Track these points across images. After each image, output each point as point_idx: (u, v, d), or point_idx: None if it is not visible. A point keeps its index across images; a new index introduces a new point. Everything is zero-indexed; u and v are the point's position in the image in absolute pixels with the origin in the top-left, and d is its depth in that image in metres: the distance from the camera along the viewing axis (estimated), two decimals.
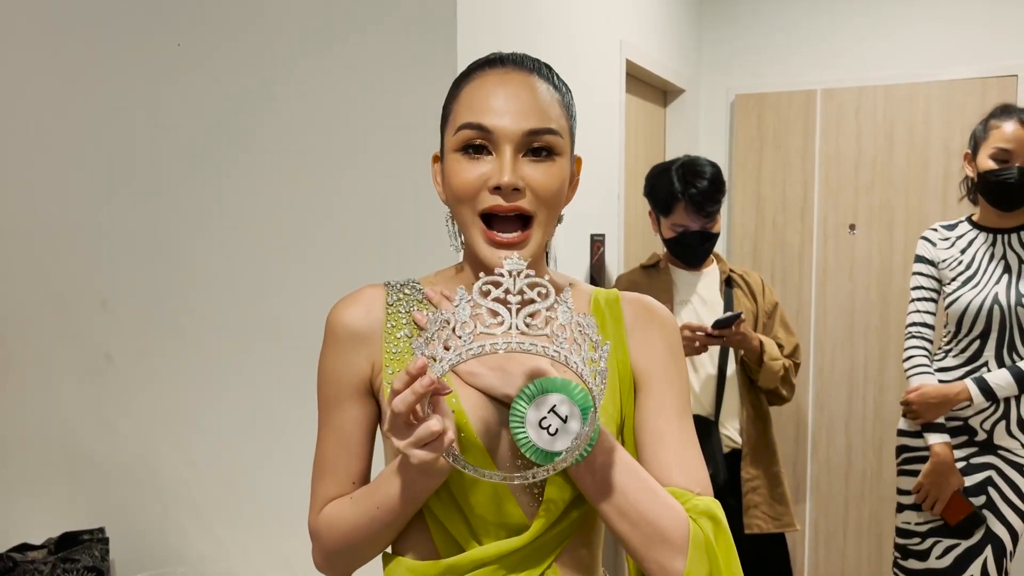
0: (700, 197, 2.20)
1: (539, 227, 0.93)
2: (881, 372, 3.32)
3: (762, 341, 2.23)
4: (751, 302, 2.35)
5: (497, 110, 0.91)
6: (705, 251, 2.31)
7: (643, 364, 0.99)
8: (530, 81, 0.94)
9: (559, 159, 0.94)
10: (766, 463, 2.32)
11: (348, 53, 1.89)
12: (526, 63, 0.96)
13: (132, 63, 2.11)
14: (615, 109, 2.68)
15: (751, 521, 2.28)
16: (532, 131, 0.91)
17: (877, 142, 3.29)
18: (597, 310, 1.02)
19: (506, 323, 0.79)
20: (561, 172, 0.94)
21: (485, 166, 0.92)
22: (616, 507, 0.89)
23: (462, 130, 0.92)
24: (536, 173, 0.92)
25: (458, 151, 0.93)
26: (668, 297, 2.33)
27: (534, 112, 0.92)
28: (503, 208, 0.90)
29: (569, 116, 0.97)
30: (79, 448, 2.23)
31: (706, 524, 0.90)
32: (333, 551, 0.99)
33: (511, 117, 0.91)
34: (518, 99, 0.92)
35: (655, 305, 1.04)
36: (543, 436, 0.86)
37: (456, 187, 0.93)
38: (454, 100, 0.97)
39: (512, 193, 0.90)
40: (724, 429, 2.30)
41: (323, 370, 1.01)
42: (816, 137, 3.37)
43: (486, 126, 0.91)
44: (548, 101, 0.94)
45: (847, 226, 3.34)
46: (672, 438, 0.96)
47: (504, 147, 0.91)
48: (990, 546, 2.17)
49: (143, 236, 2.14)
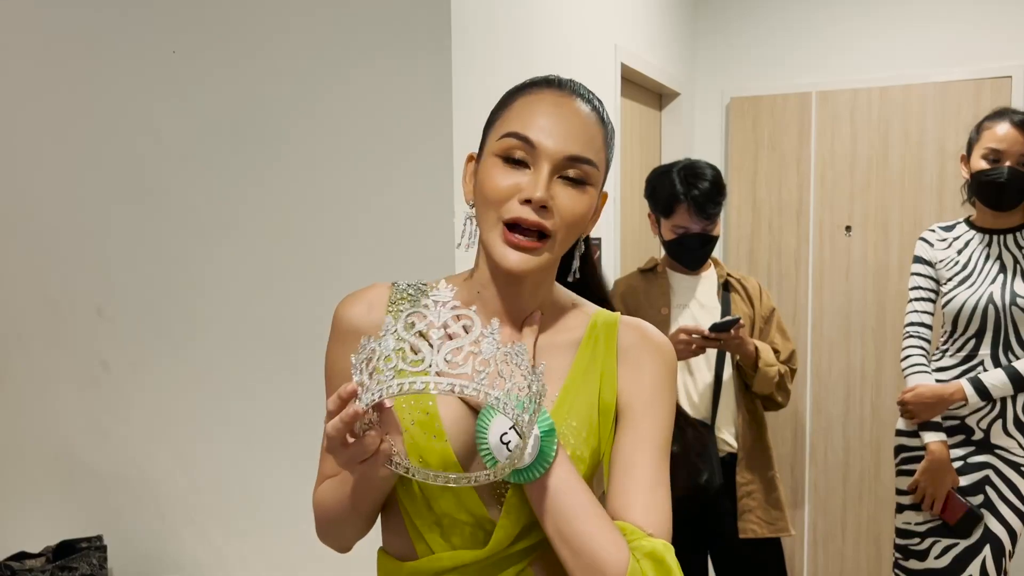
0: (702, 198, 2.20)
1: (553, 245, 0.95)
2: (878, 373, 3.32)
3: (758, 347, 2.23)
4: (748, 307, 2.35)
5: (545, 128, 0.94)
6: (705, 254, 2.31)
7: (630, 393, 0.99)
8: (583, 110, 0.97)
9: (590, 189, 0.97)
10: (761, 468, 2.32)
11: (342, 58, 1.89)
12: (583, 93, 1.00)
13: (128, 71, 2.11)
14: (611, 113, 2.65)
15: (746, 526, 2.28)
16: (573, 157, 0.94)
17: (872, 144, 3.30)
18: (592, 331, 1.02)
19: (426, 360, 0.79)
20: (589, 201, 0.97)
21: (521, 177, 0.94)
22: (559, 531, 0.90)
23: (507, 137, 0.95)
24: (566, 196, 0.94)
25: (498, 156, 0.96)
26: (665, 301, 2.33)
27: (579, 140, 0.95)
28: (528, 221, 0.93)
29: (608, 153, 1.01)
30: (76, 456, 2.23)
31: (647, 565, 0.89)
32: (321, 527, 1.04)
33: (557, 138, 0.94)
34: (568, 123, 0.95)
35: (653, 333, 1.04)
36: (502, 450, 0.89)
37: (488, 190, 0.95)
38: (505, 107, 1.00)
39: (540, 209, 0.93)
40: (720, 434, 2.30)
41: (328, 360, 1.05)
42: (811, 139, 3.37)
43: (532, 140, 0.94)
44: (594, 133, 0.97)
45: (843, 228, 3.35)
46: (642, 474, 0.95)
47: (543, 164, 0.94)
48: (988, 545, 2.17)
49: (139, 243, 2.14)
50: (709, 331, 2.15)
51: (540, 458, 0.89)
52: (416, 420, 0.94)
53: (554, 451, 0.90)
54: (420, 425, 0.94)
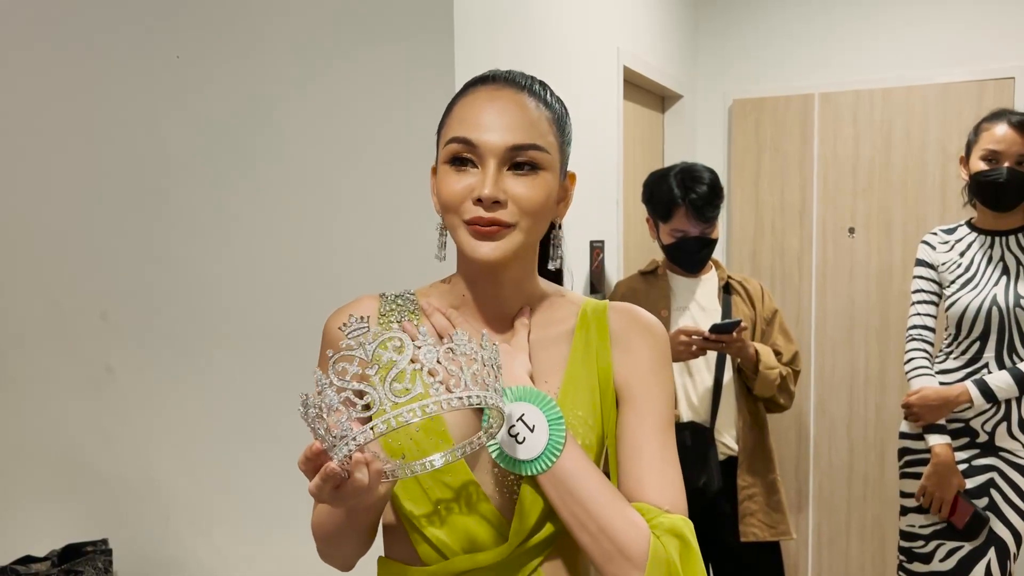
0: (700, 202, 2.21)
1: (520, 232, 0.95)
2: (882, 375, 3.32)
3: (758, 350, 2.23)
4: (750, 309, 2.35)
5: (484, 125, 0.94)
6: (704, 257, 2.32)
7: (626, 376, 1.00)
8: (519, 98, 0.96)
9: (544, 173, 0.96)
10: (763, 471, 2.32)
11: (345, 62, 1.90)
12: (518, 80, 0.99)
13: (132, 76, 2.11)
14: (613, 116, 2.69)
15: (747, 529, 2.28)
16: (516, 146, 0.94)
17: (875, 145, 3.30)
18: (583, 320, 1.03)
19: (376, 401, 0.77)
20: (545, 185, 0.96)
21: (471, 178, 0.94)
22: (576, 517, 0.90)
23: (451, 143, 0.96)
24: (518, 186, 0.94)
25: (447, 163, 0.96)
26: (666, 303, 2.33)
27: (520, 128, 0.94)
28: (483, 219, 0.93)
29: (560, 132, 0.99)
30: (81, 460, 2.23)
31: (670, 542, 0.90)
32: (322, 549, 1.03)
33: (497, 132, 0.94)
34: (506, 114, 0.95)
35: (643, 315, 1.04)
36: (512, 443, 0.90)
37: (444, 197, 0.96)
38: (448, 115, 1.00)
39: (492, 205, 0.93)
40: (720, 437, 2.30)
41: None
42: (814, 141, 3.37)
43: (472, 140, 0.94)
44: (535, 117, 0.96)
45: (846, 229, 3.35)
46: (650, 453, 0.96)
47: (488, 160, 0.93)
48: (993, 548, 2.17)
49: (143, 248, 2.14)
50: (709, 332, 2.15)
51: (550, 447, 0.90)
52: (420, 425, 0.94)
53: (563, 440, 0.91)
54: (425, 430, 0.94)
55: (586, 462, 0.92)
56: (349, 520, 0.94)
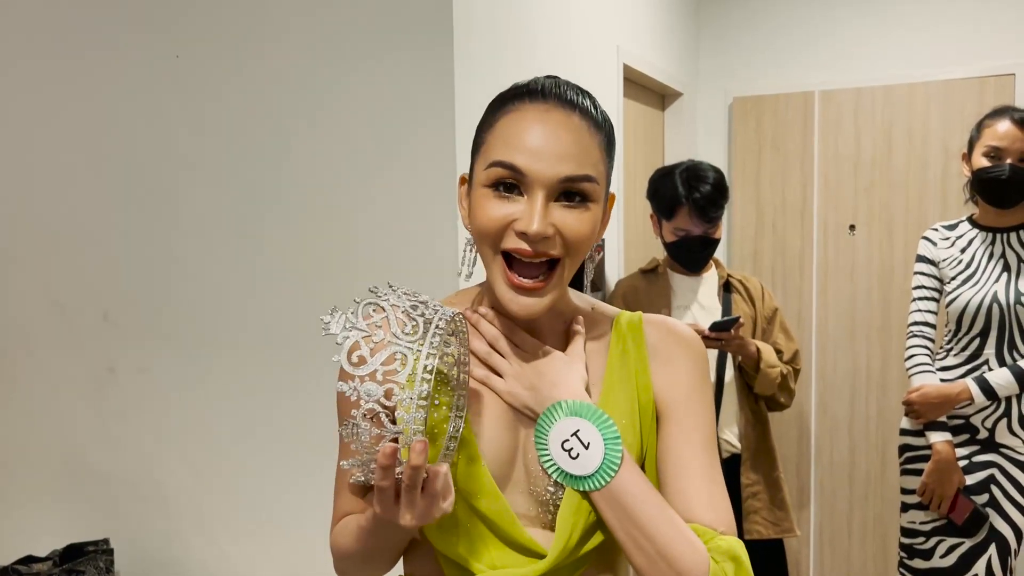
0: (703, 202, 2.21)
1: (562, 271, 0.90)
2: (883, 373, 3.33)
3: (759, 348, 2.24)
4: (750, 307, 2.36)
5: (533, 151, 0.86)
6: (706, 256, 2.33)
7: (667, 392, 0.96)
8: (572, 121, 0.88)
9: (593, 206, 0.89)
10: (766, 468, 2.33)
11: (345, 62, 1.91)
12: (569, 97, 0.90)
13: (132, 75, 2.12)
14: (613, 114, 2.70)
15: (751, 527, 2.28)
16: (568, 178, 0.87)
17: (876, 143, 3.30)
18: (618, 333, 0.99)
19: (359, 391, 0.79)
20: (594, 219, 0.90)
21: (514, 206, 0.87)
22: (633, 539, 0.87)
23: (494, 167, 0.88)
24: (568, 219, 0.88)
25: (487, 187, 0.89)
26: (666, 302, 2.34)
27: (573, 157, 0.87)
28: (527, 253, 0.87)
29: (608, 157, 0.93)
30: (83, 460, 2.24)
31: (728, 567, 0.87)
32: (341, 567, 1.00)
33: (547, 161, 0.86)
34: (557, 141, 0.87)
35: (680, 328, 1.01)
36: (564, 457, 0.88)
37: (482, 224, 0.89)
38: (489, 129, 0.91)
39: (540, 241, 0.87)
40: (723, 434, 2.30)
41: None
42: (815, 139, 3.38)
43: (520, 168, 0.86)
44: (588, 145, 0.89)
45: (847, 227, 3.36)
46: (697, 472, 0.93)
47: (537, 192, 0.86)
48: (994, 544, 2.18)
49: (146, 248, 2.15)
50: (709, 330, 2.16)
51: (605, 465, 0.88)
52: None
53: (619, 458, 0.88)
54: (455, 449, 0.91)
55: (644, 482, 0.89)
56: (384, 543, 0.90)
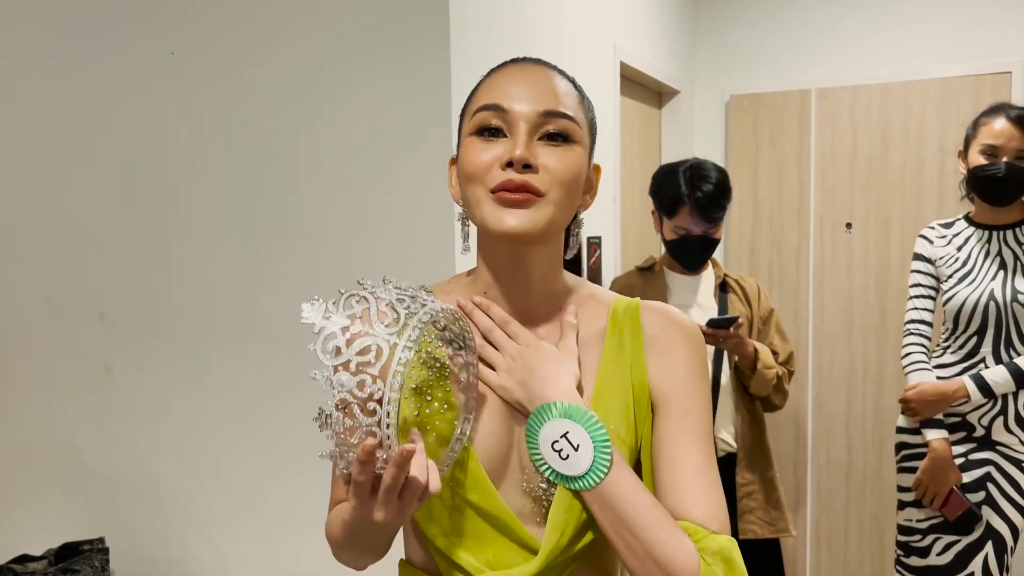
0: (706, 201, 2.20)
1: (550, 204, 0.89)
2: (880, 371, 3.33)
3: (757, 348, 2.23)
4: (746, 308, 2.35)
5: (514, 94, 0.91)
6: (705, 256, 2.32)
7: (664, 384, 0.94)
8: (549, 74, 0.94)
9: (575, 147, 0.92)
10: (761, 468, 2.32)
11: (341, 58, 1.90)
12: (547, 63, 0.98)
13: (127, 73, 2.12)
14: (610, 111, 2.70)
15: (746, 526, 2.28)
16: (548, 112, 0.90)
17: (872, 141, 3.31)
18: (615, 321, 0.98)
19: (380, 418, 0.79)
20: (577, 160, 0.92)
21: (500, 147, 0.90)
22: (623, 539, 0.86)
23: (479, 112, 0.92)
24: (550, 156, 0.90)
25: (473, 134, 0.92)
26: (661, 300, 2.33)
27: (551, 97, 0.91)
28: (513, 183, 0.88)
29: (588, 116, 0.97)
30: (79, 459, 2.24)
31: (718, 568, 0.85)
32: (336, 552, 1.00)
33: (529, 99, 0.91)
34: (536, 85, 0.92)
35: (679, 317, 0.99)
36: (555, 458, 0.88)
37: (469, 167, 0.91)
38: (474, 93, 0.97)
39: (524, 169, 0.88)
40: (719, 434, 2.30)
41: None
42: (811, 137, 3.38)
43: (503, 106, 0.91)
44: (565, 91, 0.94)
45: (843, 225, 3.36)
46: (692, 468, 0.91)
47: (519, 126, 0.90)
48: (991, 542, 2.19)
49: (142, 247, 2.15)
50: (706, 327, 2.16)
51: (595, 467, 0.87)
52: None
53: (609, 460, 0.87)
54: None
55: (634, 483, 0.88)
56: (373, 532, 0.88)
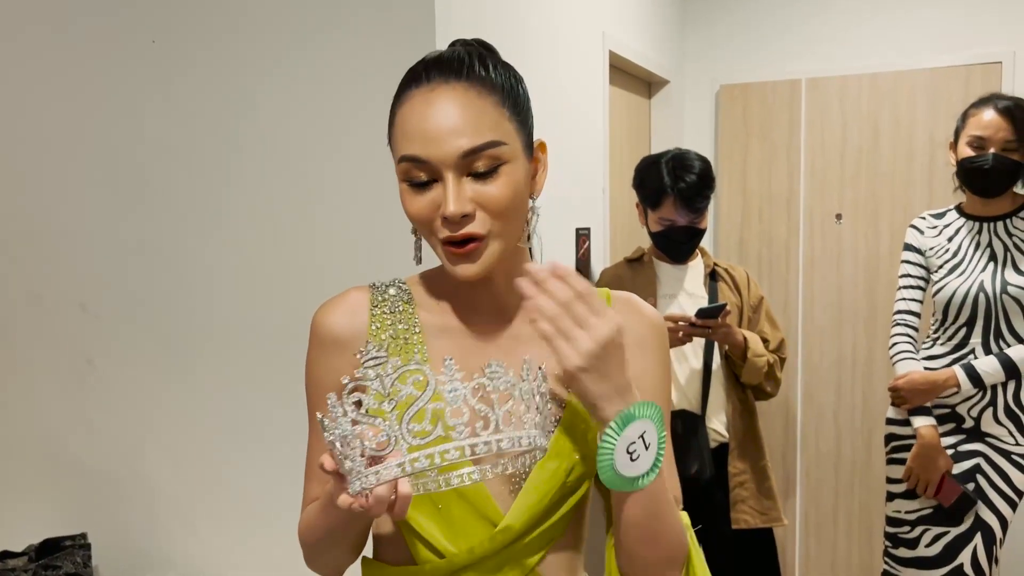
0: (689, 192, 2.20)
1: (496, 240, 0.91)
2: (869, 362, 3.35)
3: (746, 337, 2.24)
4: (736, 296, 2.36)
5: (428, 136, 0.88)
6: (691, 247, 2.33)
7: (639, 377, 0.95)
8: (456, 93, 0.89)
9: (506, 167, 0.90)
10: (753, 457, 2.34)
11: (326, 48, 1.89)
12: (452, 66, 0.91)
13: (109, 61, 2.09)
14: (599, 101, 2.69)
15: (738, 516, 2.30)
16: (468, 151, 0.88)
17: (862, 132, 3.32)
18: None
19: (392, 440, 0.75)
20: (512, 181, 0.90)
21: (432, 192, 0.90)
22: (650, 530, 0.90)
23: (402, 163, 0.91)
24: (484, 192, 0.89)
25: (404, 182, 0.93)
26: (652, 291, 2.34)
27: (465, 129, 0.88)
28: (454, 239, 0.90)
29: (515, 111, 0.92)
30: (61, 453, 2.22)
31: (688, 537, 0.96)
32: (308, 553, 1.00)
33: (443, 143, 0.87)
34: (446, 118, 0.88)
35: (646, 309, 1.03)
36: (625, 461, 0.85)
37: (412, 217, 0.93)
38: (392, 125, 0.94)
39: (461, 220, 0.89)
40: (711, 423, 2.32)
41: (308, 374, 1.01)
42: (801, 127, 3.39)
43: (421, 157, 0.89)
44: (479, 110, 0.89)
45: (833, 216, 3.37)
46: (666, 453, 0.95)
47: (446, 174, 0.88)
48: (980, 533, 2.20)
49: (124, 237, 2.13)
50: (695, 317, 2.16)
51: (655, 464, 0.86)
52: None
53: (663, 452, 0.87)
54: None
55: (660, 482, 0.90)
56: (344, 526, 0.90)
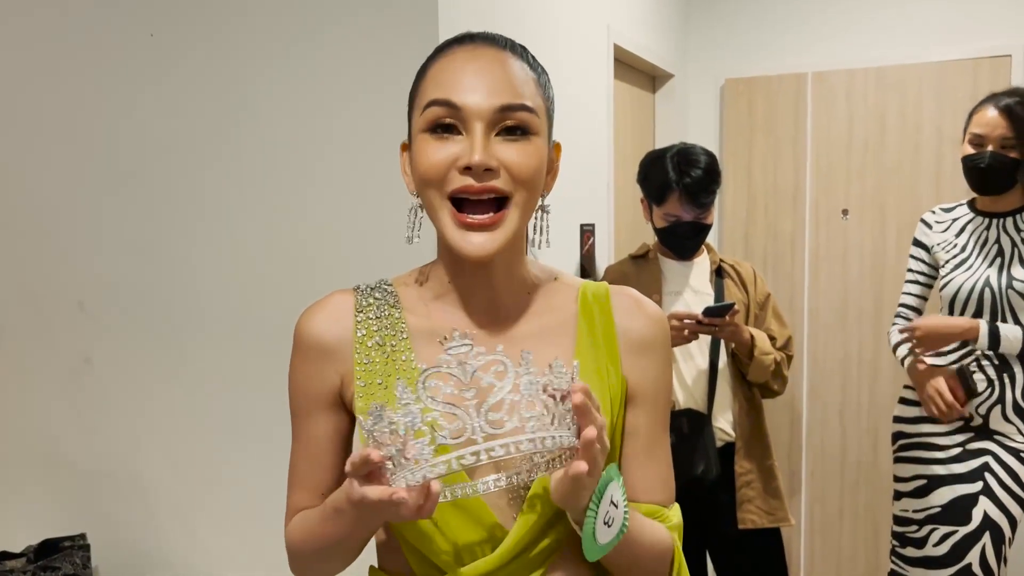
0: (695, 187, 2.18)
1: (516, 208, 0.88)
2: (875, 359, 3.33)
3: (753, 335, 2.22)
4: (742, 293, 2.34)
5: (467, 86, 0.86)
6: (697, 243, 2.31)
7: (636, 373, 0.96)
8: (502, 57, 0.89)
9: (535, 139, 0.89)
10: (760, 456, 2.32)
11: (326, 42, 1.87)
12: (499, 40, 0.92)
13: (106, 56, 2.08)
14: (603, 95, 2.67)
15: (745, 516, 2.28)
16: (505, 107, 0.86)
17: (868, 126, 3.29)
18: (585, 306, 0.97)
19: (468, 428, 0.73)
20: (538, 152, 0.89)
21: (455, 146, 0.86)
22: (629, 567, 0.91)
23: (429, 108, 0.88)
24: (511, 153, 0.87)
25: (426, 131, 0.88)
26: (657, 288, 2.32)
27: (507, 88, 0.87)
28: (474, 189, 0.85)
29: (546, 97, 0.93)
30: (59, 453, 2.21)
31: (675, 538, 0.95)
32: (300, 564, 0.98)
33: (482, 93, 0.86)
34: (490, 75, 0.87)
35: (648, 305, 1.00)
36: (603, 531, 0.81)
37: (424, 169, 0.88)
38: (421, 80, 0.92)
39: (484, 173, 0.85)
40: (717, 422, 2.30)
41: (292, 381, 0.99)
42: (807, 122, 3.36)
43: (455, 102, 0.86)
44: (522, 78, 0.89)
45: (840, 212, 3.35)
46: (661, 455, 0.97)
47: (475, 125, 0.86)
48: (988, 533, 2.18)
49: (122, 235, 2.12)
50: (702, 316, 2.14)
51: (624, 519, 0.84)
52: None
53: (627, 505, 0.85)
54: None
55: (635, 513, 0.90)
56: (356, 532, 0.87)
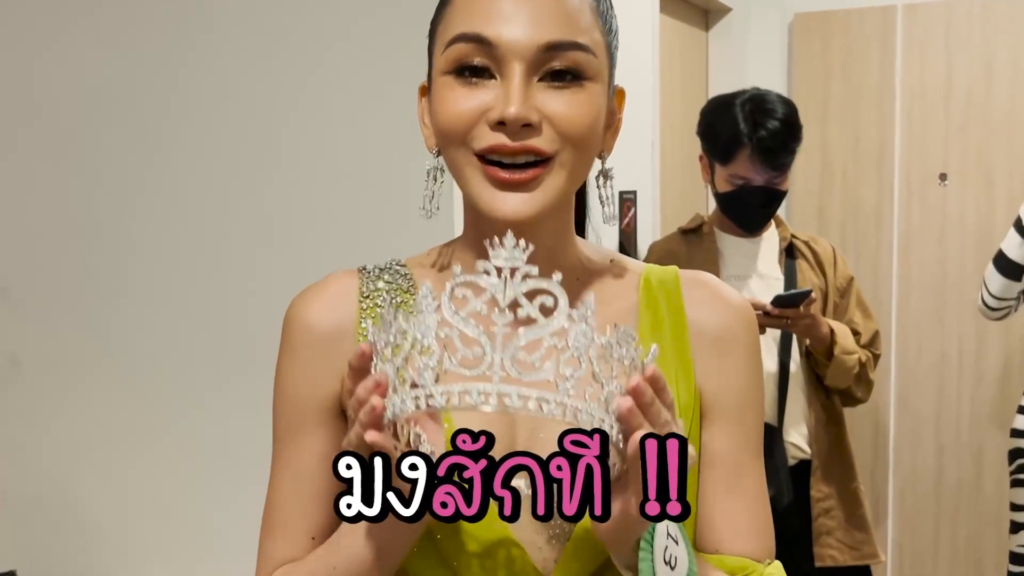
0: (771, 142, 2.17)
1: (561, 169, 0.84)
2: (978, 360, 3.34)
3: (833, 329, 2.22)
4: (819, 277, 2.34)
5: (503, 16, 0.82)
6: (768, 213, 2.31)
7: (713, 380, 0.92)
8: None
9: (590, 85, 0.84)
10: (841, 478, 2.32)
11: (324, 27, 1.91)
12: None
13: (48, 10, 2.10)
14: (647, 34, 2.67)
15: (823, 551, 2.28)
16: (552, 44, 0.82)
17: (972, 71, 3.31)
18: (648, 296, 0.94)
19: (486, 360, 0.69)
20: (593, 102, 0.84)
21: (486, 94, 0.83)
22: None
23: (455, 44, 0.83)
24: (557, 103, 0.82)
25: (449, 73, 0.84)
26: (714, 270, 2.32)
27: (555, 19, 0.82)
28: (508, 149, 0.81)
29: (607, 30, 0.88)
30: None
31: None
32: None
33: (523, 26, 0.82)
34: (532, 2, 0.83)
35: (731, 294, 0.96)
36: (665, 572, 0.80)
37: (445, 121, 0.84)
38: (446, 7, 0.88)
39: (522, 130, 0.81)
40: (789, 437, 2.30)
41: (280, 387, 0.95)
42: (896, 67, 3.38)
43: (487, 37, 0.82)
44: (576, 5, 0.84)
45: (936, 177, 3.36)
46: (751, 486, 0.93)
47: (512, 67, 0.81)
48: None
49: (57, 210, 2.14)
50: (772, 306, 2.13)
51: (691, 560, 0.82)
52: None
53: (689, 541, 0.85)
54: None
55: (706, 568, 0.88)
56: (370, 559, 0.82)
